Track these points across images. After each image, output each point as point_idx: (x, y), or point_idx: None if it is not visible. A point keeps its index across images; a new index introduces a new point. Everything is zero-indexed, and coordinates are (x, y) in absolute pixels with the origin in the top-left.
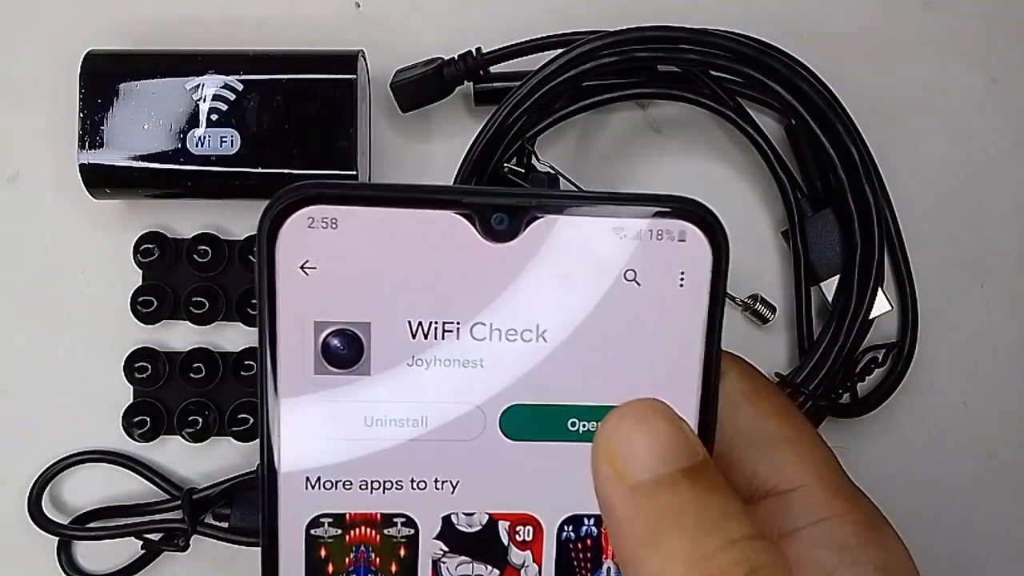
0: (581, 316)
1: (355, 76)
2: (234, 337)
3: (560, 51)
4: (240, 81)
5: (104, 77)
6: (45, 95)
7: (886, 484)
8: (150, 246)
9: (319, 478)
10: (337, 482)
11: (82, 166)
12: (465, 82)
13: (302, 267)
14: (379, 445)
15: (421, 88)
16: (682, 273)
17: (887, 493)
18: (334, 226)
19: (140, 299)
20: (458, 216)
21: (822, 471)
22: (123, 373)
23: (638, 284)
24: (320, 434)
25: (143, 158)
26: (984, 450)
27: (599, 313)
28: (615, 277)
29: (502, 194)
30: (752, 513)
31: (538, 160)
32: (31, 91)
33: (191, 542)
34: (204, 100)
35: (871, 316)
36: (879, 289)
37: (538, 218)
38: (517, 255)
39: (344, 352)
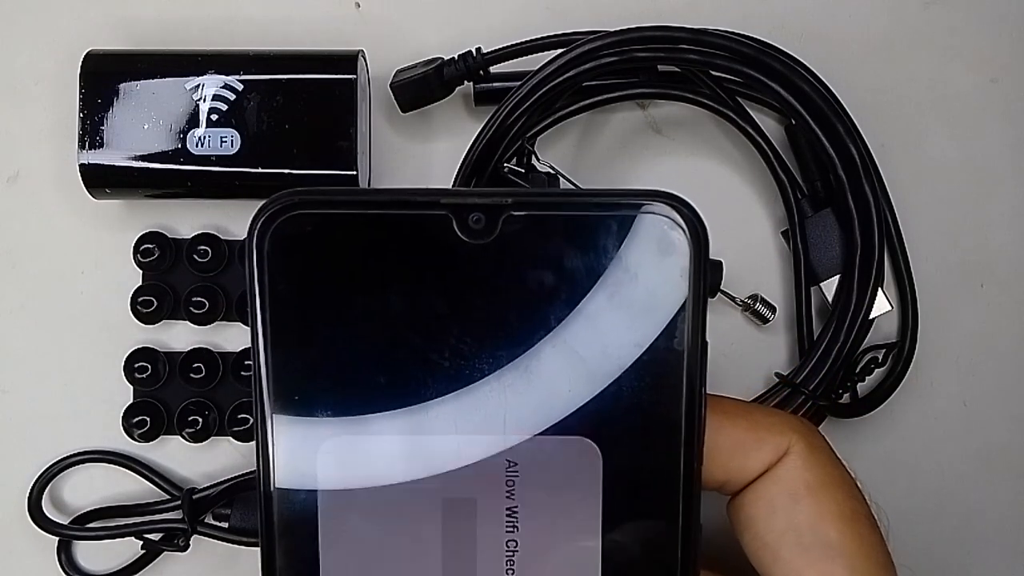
0: (559, 309)
1: (355, 76)
2: (234, 337)
3: (560, 51)
4: (240, 81)
5: (104, 77)
6: (45, 95)
7: (886, 484)
8: (150, 246)
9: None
10: None
11: (82, 166)
12: (465, 82)
13: (293, 271)
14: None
15: (421, 88)
16: (661, 266)
17: (887, 493)
18: (322, 231)
19: (140, 299)
20: (438, 217)
21: None
22: (123, 373)
23: (616, 277)
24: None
25: (143, 158)
26: (984, 450)
27: (576, 306)
28: (591, 271)
29: (477, 194)
30: None
31: (538, 160)
32: (31, 91)
33: (191, 542)
34: (204, 100)
35: (871, 316)
36: (879, 289)
37: (514, 216)
38: (496, 252)
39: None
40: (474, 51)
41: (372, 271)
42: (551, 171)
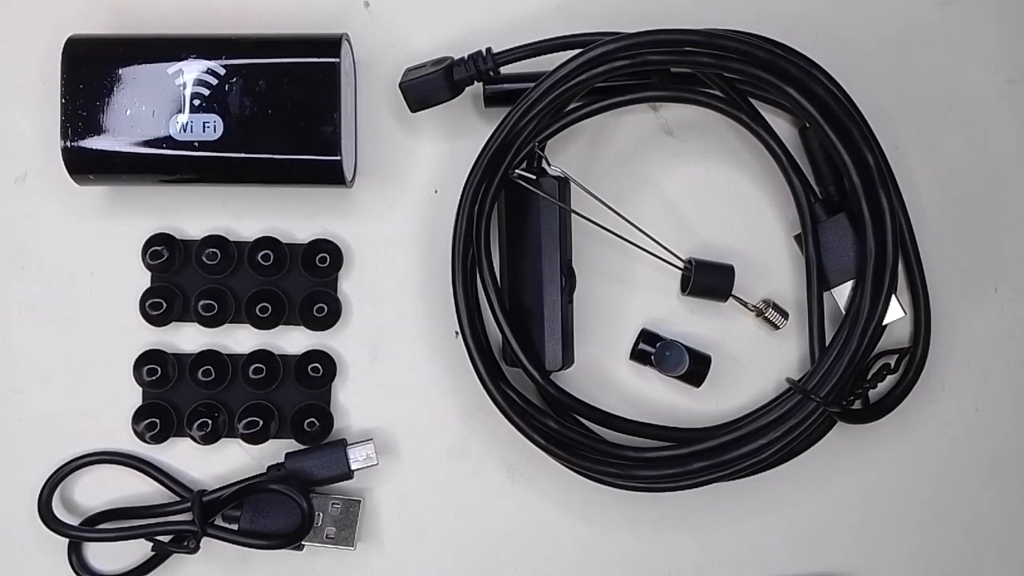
0: None
1: (338, 60)
2: (243, 339)
3: (573, 54)
4: (223, 66)
5: (86, 62)
6: (53, 96)
7: (897, 489)
8: (159, 248)
9: None
10: None
11: (64, 152)
12: (475, 82)
13: None
14: None
15: (430, 88)
16: None
17: (898, 498)
18: None
19: (149, 301)
20: None
21: None
22: (132, 375)
23: None
24: None
25: (126, 144)
26: (995, 455)
27: None
28: None
29: None
30: None
31: (548, 164)
32: (39, 92)
33: (201, 544)
34: (186, 85)
35: (884, 322)
36: (892, 295)
37: None
38: None
39: None
40: (484, 51)
41: None
42: (562, 175)
